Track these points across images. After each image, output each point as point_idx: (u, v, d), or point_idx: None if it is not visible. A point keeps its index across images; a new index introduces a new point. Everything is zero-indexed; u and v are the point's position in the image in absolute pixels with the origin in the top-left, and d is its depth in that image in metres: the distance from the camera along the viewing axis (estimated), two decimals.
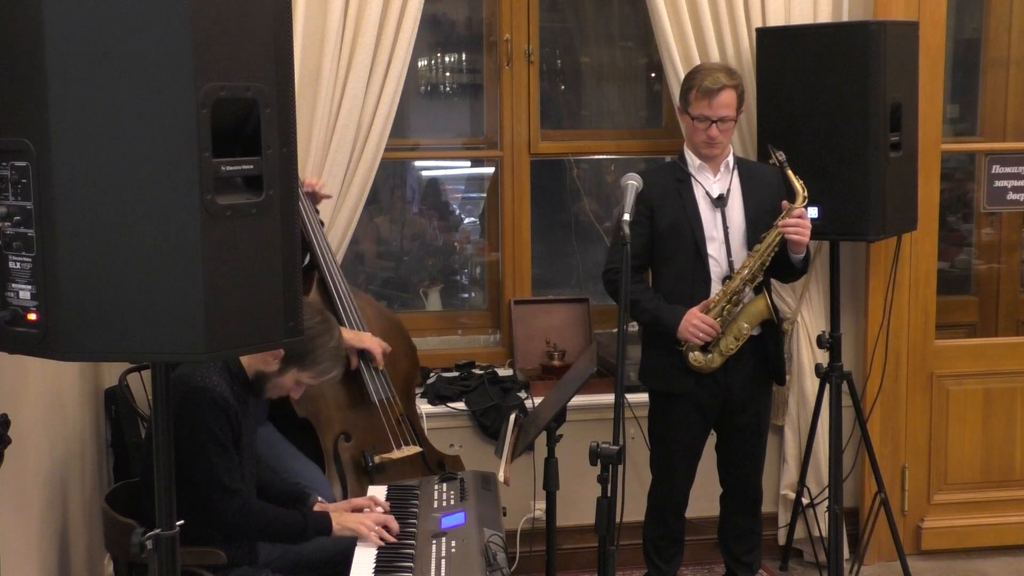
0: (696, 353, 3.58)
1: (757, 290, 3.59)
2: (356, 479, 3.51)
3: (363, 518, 3.00)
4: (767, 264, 3.55)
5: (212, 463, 2.86)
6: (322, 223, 3.75)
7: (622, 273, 3.49)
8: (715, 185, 3.63)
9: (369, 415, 3.59)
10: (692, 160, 3.64)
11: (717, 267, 3.59)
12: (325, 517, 2.99)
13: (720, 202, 3.60)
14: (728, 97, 3.55)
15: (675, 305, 3.57)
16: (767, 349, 3.66)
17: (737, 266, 3.58)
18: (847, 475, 4.19)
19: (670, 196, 3.59)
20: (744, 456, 3.79)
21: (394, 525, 2.99)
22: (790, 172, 3.52)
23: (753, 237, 3.58)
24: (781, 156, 3.53)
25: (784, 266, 3.60)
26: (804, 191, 3.51)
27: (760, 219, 3.58)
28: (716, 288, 3.59)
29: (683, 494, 3.81)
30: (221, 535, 2.92)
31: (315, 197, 3.65)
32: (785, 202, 3.52)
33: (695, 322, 3.52)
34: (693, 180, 3.62)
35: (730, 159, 3.66)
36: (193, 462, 2.78)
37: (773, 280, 3.86)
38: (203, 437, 2.85)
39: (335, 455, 3.50)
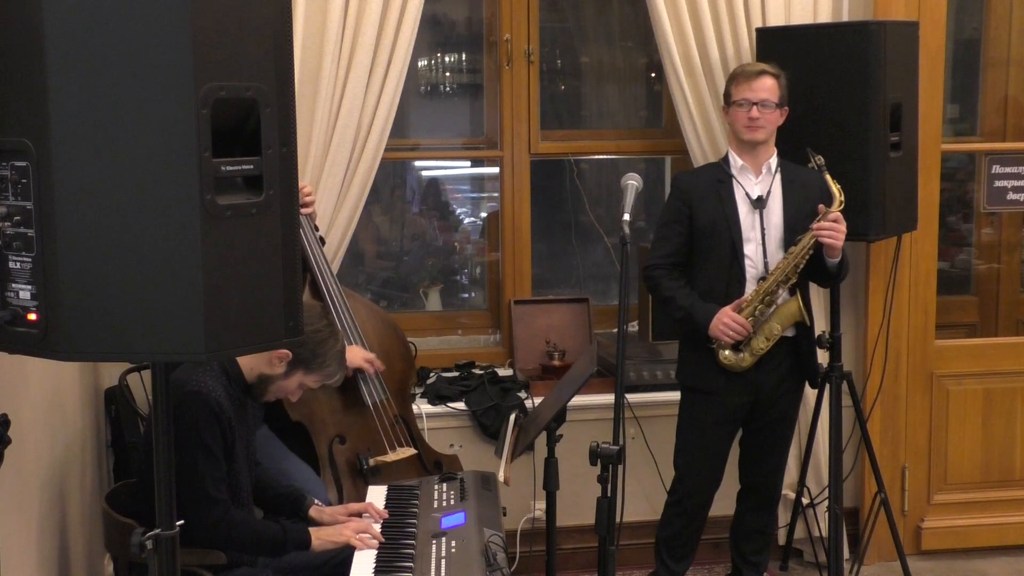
0: (727, 352, 3.60)
1: (792, 292, 3.61)
2: (351, 482, 3.50)
3: (343, 528, 2.99)
4: (801, 266, 3.56)
5: (198, 470, 2.84)
6: (320, 236, 3.74)
7: (671, 272, 3.65)
8: (756, 187, 3.65)
9: (363, 418, 3.59)
10: (735, 161, 3.67)
11: (753, 267, 3.61)
12: (305, 533, 2.97)
13: (759, 204, 3.62)
14: (768, 82, 3.60)
15: (709, 304, 3.59)
16: (800, 351, 3.67)
17: (772, 267, 3.59)
18: (847, 475, 4.19)
19: (710, 196, 3.62)
20: (765, 452, 3.81)
21: (375, 532, 2.96)
22: (828, 176, 3.53)
23: (791, 240, 3.60)
24: (820, 160, 3.55)
25: (821, 270, 3.61)
26: (841, 195, 3.52)
27: (799, 222, 3.59)
28: (751, 288, 3.61)
29: (705, 494, 3.81)
30: (201, 544, 2.88)
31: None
32: (821, 206, 3.52)
33: (726, 320, 3.54)
34: (734, 181, 3.64)
35: (772, 161, 3.67)
36: (179, 468, 2.75)
37: (825, 287, 3.88)
38: (192, 443, 2.82)
39: (330, 458, 3.50)
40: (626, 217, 3.04)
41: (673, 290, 3.65)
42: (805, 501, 4.25)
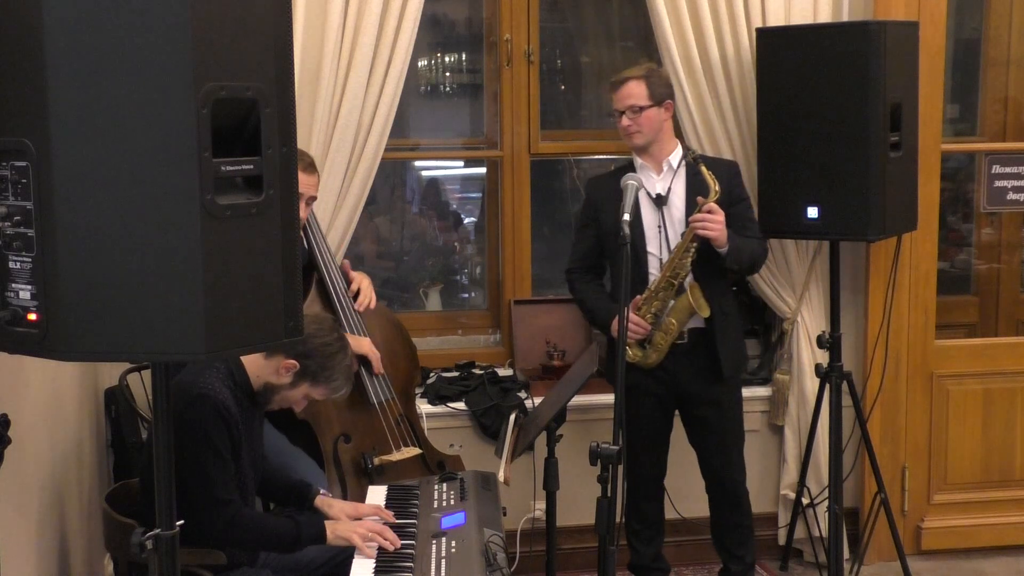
0: (631, 349, 3.68)
1: (702, 287, 3.65)
2: (356, 481, 3.50)
3: (358, 527, 2.98)
4: (689, 260, 3.59)
5: (207, 473, 2.84)
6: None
7: (586, 275, 3.81)
8: (657, 184, 3.72)
9: (368, 416, 3.59)
10: (636, 161, 3.77)
11: (656, 264, 3.68)
12: (320, 526, 2.97)
13: (659, 201, 3.69)
14: (632, 88, 3.68)
15: (613, 304, 3.68)
16: (716, 343, 3.69)
17: None
18: (847, 475, 4.19)
19: (614, 198, 3.60)
20: (712, 451, 3.85)
21: (391, 536, 2.94)
22: (704, 168, 3.59)
23: None
24: (693, 153, 3.64)
25: (722, 261, 3.64)
26: (716, 186, 3.56)
27: None
28: None
29: (652, 481, 3.89)
30: (215, 545, 2.90)
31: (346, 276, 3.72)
32: (700, 198, 3.57)
33: None
34: None
35: (673, 158, 3.73)
36: (189, 471, 2.75)
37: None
38: (201, 445, 2.82)
39: (335, 457, 3.50)
40: (626, 217, 3.05)
41: (583, 292, 3.80)
42: (805, 501, 4.25)
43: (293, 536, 2.94)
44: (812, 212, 3.88)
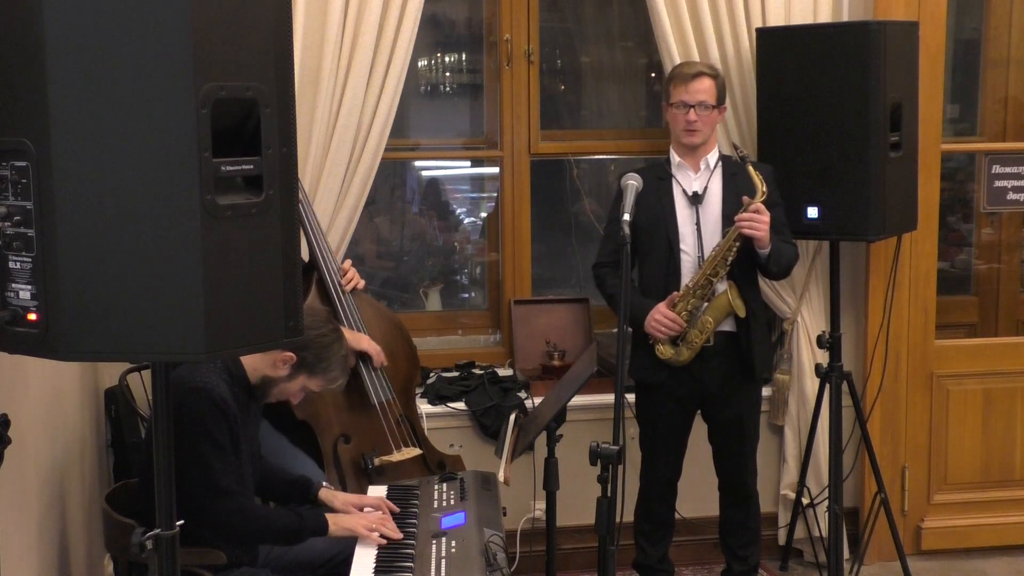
0: (663, 346, 3.66)
1: (735, 285, 3.63)
2: (356, 481, 3.50)
3: (360, 518, 3.00)
4: (731, 259, 3.58)
5: (209, 465, 2.84)
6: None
7: (616, 270, 3.64)
8: (694, 182, 3.70)
9: (369, 417, 3.59)
10: (674, 158, 3.73)
11: (689, 262, 3.66)
12: (321, 518, 2.98)
13: (695, 199, 3.66)
14: (705, 83, 3.65)
15: (647, 300, 3.65)
16: (740, 346, 3.68)
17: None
18: (847, 475, 4.19)
19: (650, 193, 3.63)
20: (729, 451, 3.85)
21: (393, 528, 2.97)
22: (751, 168, 3.57)
23: None
24: (743, 152, 3.61)
25: (759, 262, 3.63)
26: (763, 186, 3.54)
27: None
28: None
29: (666, 483, 3.87)
30: (218, 538, 2.91)
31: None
32: (745, 197, 3.55)
33: (658, 317, 3.62)
34: (673, 178, 3.70)
35: (711, 157, 3.71)
36: (189, 463, 2.74)
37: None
38: (200, 438, 2.83)
39: (334, 457, 3.50)
40: (626, 217, 3.06)
41: (613, 288, 3.72)
42: (805, 501, 4.25)
43: (296, 527, 2.95)
44: (812, 212, 3.88)
